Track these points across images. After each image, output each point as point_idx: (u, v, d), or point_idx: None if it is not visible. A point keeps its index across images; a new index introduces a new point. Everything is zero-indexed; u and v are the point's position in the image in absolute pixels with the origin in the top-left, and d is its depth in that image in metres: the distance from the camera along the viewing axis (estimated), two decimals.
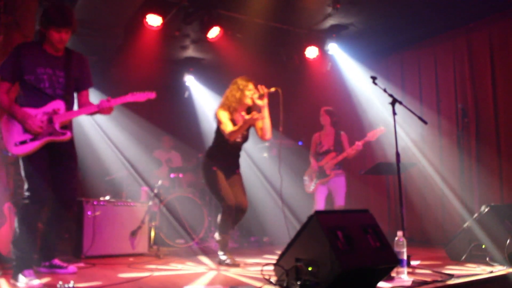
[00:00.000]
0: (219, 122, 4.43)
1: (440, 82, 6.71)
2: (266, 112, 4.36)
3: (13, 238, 3.45)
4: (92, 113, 3.73)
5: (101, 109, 3.63)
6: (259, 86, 4.39)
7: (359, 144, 5.76)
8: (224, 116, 4.40)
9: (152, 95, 3.83)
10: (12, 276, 3.36)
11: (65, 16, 3.48)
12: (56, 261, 3.73)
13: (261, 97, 4.35)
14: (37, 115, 3.47)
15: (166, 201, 6.09)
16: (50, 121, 3.49)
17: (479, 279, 3.34)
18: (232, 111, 4.44)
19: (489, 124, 6.07)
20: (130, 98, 3.74)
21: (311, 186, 6.09)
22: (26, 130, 3.43)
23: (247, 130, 4.51)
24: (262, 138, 4.48)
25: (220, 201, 4.41)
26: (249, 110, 4.50)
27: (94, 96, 4.29)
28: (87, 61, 3.80)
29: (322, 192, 6.02)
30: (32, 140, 3.44)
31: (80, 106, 3.77)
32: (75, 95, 3.78)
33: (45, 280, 3.48)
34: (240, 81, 4.48)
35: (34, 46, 3.58)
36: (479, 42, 6.28)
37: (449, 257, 4.49)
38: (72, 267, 3.73)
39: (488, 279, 3.41)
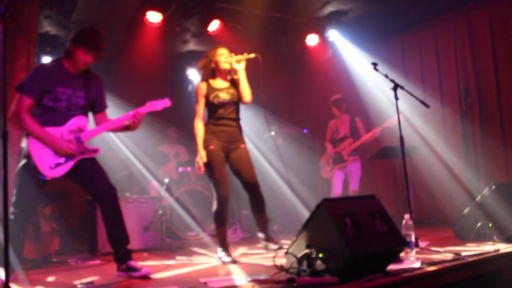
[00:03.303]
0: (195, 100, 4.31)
1: (441, 64, 6.73)
2: (243, 75, 4.22)
3: None
4: (118, 128, 3.70)
5: (133, 123, 3.62)
6: (236, 57, 4.23)
7: (376, 130, 5.87)
8: (198, 93, 4.25)
9: (167, 103, 3.76)
10: None
11: (99, 41, 3.50)
12: (132, 263, 3.51)
13: (238, 61, 4.22)
14: (62, 134, 3.46)
15: (176, 195, 6.18)
16: (79, 140, 3.49)
17: (487, 257, 3.39)
18: (208, 79, 4.27)
19: (492, 103, 6.09)
20: (148, 108, 3.69)
21: (328, 171, 6.22)
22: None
23: (234, 88, 4.28)
24: (241, 101, 4.29)
25: (214, 188, 4.18)
26: (229, 74, 4.34)
27: None
28: (103, 83, 3.78)
29: (339, 176, 6.16)
30: (67, 161, 3.44)
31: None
32: (92, 116, 3.76)
33: (62, 278, 3.58)
34: (211, 49, 4.35)
35: (55, 64, 3.55)
36: (479, 21, 6.28)
37: (457, 236, 4.54)
38: (146, 269, 3.45)
39: (495, 257, 3.46)
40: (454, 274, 3.10)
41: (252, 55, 4.20)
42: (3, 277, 3.20)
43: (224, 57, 4.24)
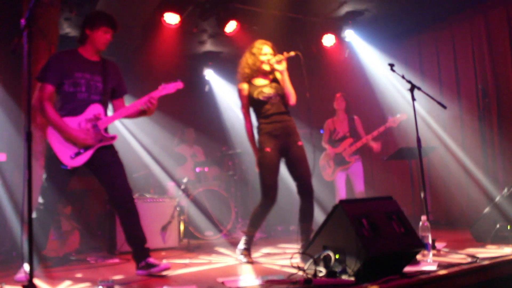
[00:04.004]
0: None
1: (459, 63, 6.68)
2: (286, 77, 4.13)
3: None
4: (134, 114, 3.75)
5: (148, 108, 3.65)
6: (276, 57, 4.14)
7: (380, 130, 5.84)
8: (240, 96, 4.20)
9: (180, 85, 3.76)
10: None
11: (114, 19, 3.64)
12: (150, 260, 3.55)
13: (279, 61, 4.11)
14: (80, 123, 3.53)
15: (194, 195, 6.24)
16: (96, 127, 3.56)
17: (505, 260, 3.36)
18: (250, 79, 4.19)
19: (510, 103, 6.02)
20: (161, 91, 3.71)
21: (331, 173, 6.15)
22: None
23: (277, 83, 4.20)
24: (286, 103, 4.20)
25: (262, 191, 4.04)
26: (271, 74, 4.25)
27: None
28: (119, 68, 3.86)
29: (342, 178, 6.09)
30: (86, 150, 3.52)
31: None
32: (111, 102, 3.84)
33: (83, 275, 3.66)
34: (254, 45, 4.23)
35: (70, 52, 3.65)
36: (497, 19, 6.21)
37: (474, 239, 4.50)
38: (164, 264, 3.51)
39: None
40: (471, 277, 3.09)
41: (292, 53, 4.09)
42: (25, 273, 3.29)
43: (266, 58, 4.15)
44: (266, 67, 4.17)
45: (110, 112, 3.76)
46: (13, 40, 2.98)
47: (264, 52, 4.18)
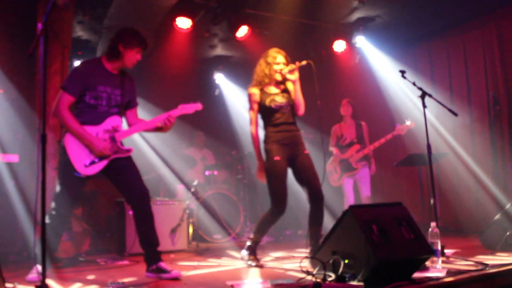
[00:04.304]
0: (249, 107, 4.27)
1: (470, 71, 6.67)
2: (298, 87, 4.18)
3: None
4: (150, 129, 3.80)
5: (165, 125, 3.72)
6: (289, 67, 4.17)
7: (387, 138, 5.85)
8: (251, 99, 4.23)
9: (199, 106, 3.84)
10: None
11: (146, 41, 3.69)
12: (162, 265, 3.58)
13: (291, 71, 4.15)
14: (98, 133, 3.58)
15: (203, 198, 6.28)
16: (113, 139, 3.61)
17: None
18: (264, 86, 4.24)
19: None
20: (180, 111, 3.79)
21: (337, 179, 6.15)
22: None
23: (288, 94, 4.25)
24: (295, 113, 4.27)
25: (271, 199, 4.08)
26: (282, 83, 4.30)
27: None
28: (135, 82, 3.91)
29: (349, 184, 6.09)
30: (100, 159, 3.56)
31: (130, 124, 3.86)
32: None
33: (101, 278, 3.70)
34: (269, 54, 4.27)
35: (96, 63, 3.69)
36: (509, 27, 6.21)
37: (484, 246, 4.49)
38: (175, 272, 3.52)
39: None
40: (480, 284, 3.09)
41: (304, 62, 4.11)
42: (37, 273, 3.34)
43: (279, 68, 4.19)
44: (279, 77, 4.21)
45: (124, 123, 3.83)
46: (31, 44, 3.02)
47: (277, 61, 4.21)
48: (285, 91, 4.27)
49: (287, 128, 4.17)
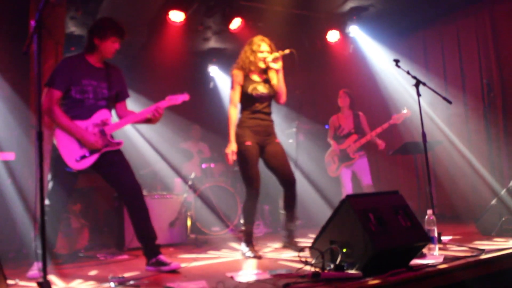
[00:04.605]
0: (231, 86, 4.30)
1: (464, 58, 6.69)
2: (280, 76, 4.26)
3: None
4: (140, 121, 3.82)
5: (154, 117, 3.73)
6: (273, 55, 4.21)
7: (383, 127, 5.84)
8: (234, 79, 4.26)
9: (186, 97, 3.88)
10: None
11: (123, 28, 3.68)
12: (161, 258, 3.59)
13: (275, 60, 4.21)
14: (87, 127, 3.59)
15: (200, 191, 6.30)
16: (103, 132, 3.63)
17: (510, 253, 3.40)
18: (248, 72, 4.26)
19: None
20: (168, 102, 3.81)
21: (335, 169, 6.17)
22: (83, 144, 3.56)
23: (269, 84, 4.29)
24: (276, 102, 4.37)
25: (245, 185, 4.20)
26: (264, 71, 4.33)
27: None
28: (122, 73, 3.92)
29: (347, 174, 6.10)
30: (91, 153, 3.57)
31: (120, 116, 3.88)
32: (113, 106, 3.89)
33: (101, 273, 3.72)
34: (254, 41, 4.30)
35: (78, 58, 3.71)
36: (502, 14, 6.21)
37: (480, 232, 4.54)
38: (175, 264, 3.55)
39: None
40: (477, 269, 3.12)
41: (287, 51, 4.15)
42: (38, 270, 3.36)
43: (263, 56, 4.23)
44: (262, 65, 4.25)
45: (114, 116, 3.83)
46: (24, 41, 3.01)
47: (262, 49, 4.25)
48: (267, 81, 4.31)
49: (262, 117, 4.27)
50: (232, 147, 4.18)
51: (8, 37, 5.73)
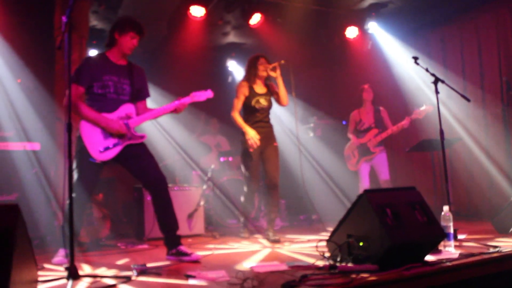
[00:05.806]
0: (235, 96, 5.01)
1: (483, 56, 6.64)
2: (280, 82, 4.90)
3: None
4: (163, 114, 3.94)
5: (178, 108, 3.86)
6: (271, 65, 4.91)
7: (405, 122, 5.84)
8: (239, 90, 4.98)
9: (210, 94, 4.01)
10: None
11: (142, 25, 3.81)
12: (182, 248, 3.71)
13: (273, 69, 4.88)
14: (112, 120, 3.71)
15: (218, 184, 6.39)
16: (127, 126, 3.73)
17: None
18: (251, 83, 4.98)
19: None
20: (192, 99, 3.93)
21: (355, 163, 6.22)
22: (107, 136, 3.67)
23: (270, 95, 5.05)
24: (279, 104, 5.06)
25: (246, 182, 5.05)
26: (266, 80, 5.06)
27: None
28: (145, 73, 4.03)
29: (366, 168, 6.15)
30: (115, 145, 3.69)
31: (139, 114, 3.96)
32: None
33: (123, 261, 3.83)
34: (254, 57, 5.05)
35: (99, 57, 3.86)
36: None
37: (496, 230, 4.55)
38: (195, 255, 3.65)
39: None
40: (492, 266, 3.15)
41: (283, 62, 4.85)
42: (63, 256, 3.48)
43: (263, 67, 4.93)
44: (264, 74, 4.94)
45: None
46: (50, 35, 3.12)
47: (261, 62, 4.96)
48: (269, 91, 5.04)
49: (263, 125, 5.00)
50: (250, 134, 4.81)
51: (33, 30, 5.86)
